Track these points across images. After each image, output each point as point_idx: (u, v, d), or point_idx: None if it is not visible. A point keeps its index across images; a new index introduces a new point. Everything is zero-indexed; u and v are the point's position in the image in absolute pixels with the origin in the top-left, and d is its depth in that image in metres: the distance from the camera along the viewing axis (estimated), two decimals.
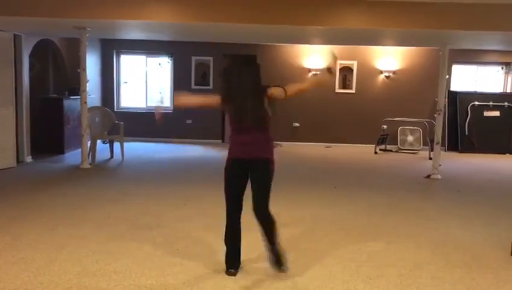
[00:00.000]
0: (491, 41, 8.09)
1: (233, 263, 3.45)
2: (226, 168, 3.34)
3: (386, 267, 3.68)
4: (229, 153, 3.35)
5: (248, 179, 3.32)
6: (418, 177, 7.56)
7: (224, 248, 3.47)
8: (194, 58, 10.89)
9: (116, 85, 11.10)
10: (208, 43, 10.37)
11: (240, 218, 3.40)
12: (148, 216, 4.92)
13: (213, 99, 3.41)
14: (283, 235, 4.33)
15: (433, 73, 10.00)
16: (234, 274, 3.39)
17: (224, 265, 3.46)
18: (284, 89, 3.23)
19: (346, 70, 10.92)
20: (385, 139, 10.48)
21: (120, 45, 10.78)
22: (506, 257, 3.97)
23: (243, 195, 3.34)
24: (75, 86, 8.46)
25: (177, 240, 4.16)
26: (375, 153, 10.07)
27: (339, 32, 7.14)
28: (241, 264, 3.52)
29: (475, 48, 9.62)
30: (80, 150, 7.77)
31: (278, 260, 3.38)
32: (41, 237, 4.16)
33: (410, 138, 10.66)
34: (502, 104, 10.63)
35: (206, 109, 3.31)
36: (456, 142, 10.66)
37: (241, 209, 3.37)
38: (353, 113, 10.88)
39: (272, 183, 3.29)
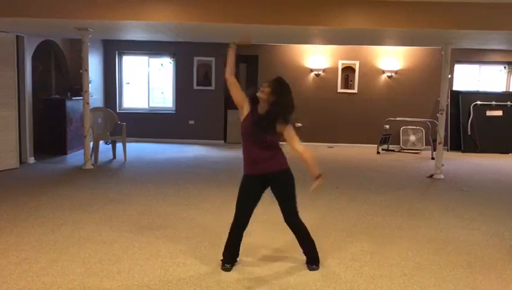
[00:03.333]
0: (493, 40, 8.06)
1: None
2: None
3: (389, 267, 3.68)
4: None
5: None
6: (420, 177, 7.55)
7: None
8: (196, 59, 10.88)
9: (118, 86, 11.11)
10: (209, 43, 10.36)
11: None
12: (151, 216, 4.93)
13: None
14: (285, 236, 4.33)
15: (435, 72, 9.99)
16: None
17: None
18: None
19: (348, 70, 10.90)
20: (387, 139, 10.47)
21: (122, 45, 10.79)
22: (509, 257, 3.96)
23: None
24: (78, 87, 8.48)
25: (180, 240, 4.16)
26: (378, 153, 10.06)
27: (341, 32, 7.14)
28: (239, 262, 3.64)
29: (477, 47, 9.59)
30: (82, 150, 7.79)
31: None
32: (44, 237, 4.17)
33: (412, 138, 10.64)
34: (504, 103, 10.60)
35: None
36: (458, 142, 10.64)
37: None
38: (355, 113, 10.87)
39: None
